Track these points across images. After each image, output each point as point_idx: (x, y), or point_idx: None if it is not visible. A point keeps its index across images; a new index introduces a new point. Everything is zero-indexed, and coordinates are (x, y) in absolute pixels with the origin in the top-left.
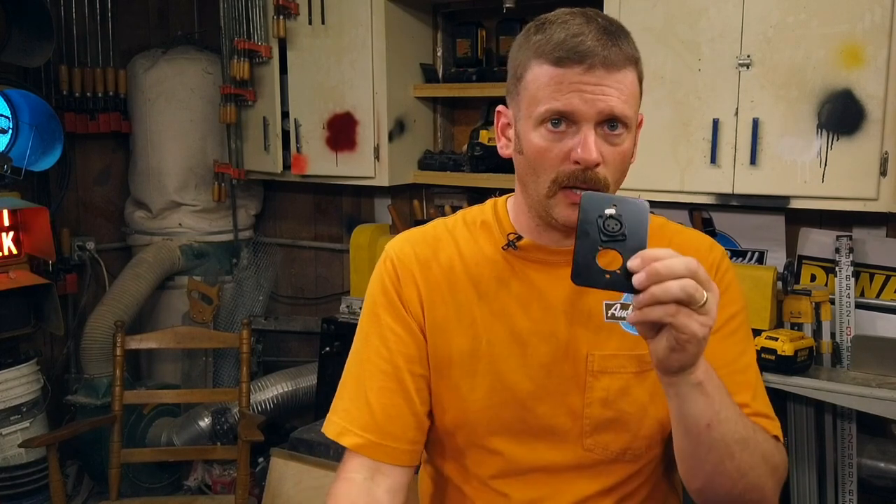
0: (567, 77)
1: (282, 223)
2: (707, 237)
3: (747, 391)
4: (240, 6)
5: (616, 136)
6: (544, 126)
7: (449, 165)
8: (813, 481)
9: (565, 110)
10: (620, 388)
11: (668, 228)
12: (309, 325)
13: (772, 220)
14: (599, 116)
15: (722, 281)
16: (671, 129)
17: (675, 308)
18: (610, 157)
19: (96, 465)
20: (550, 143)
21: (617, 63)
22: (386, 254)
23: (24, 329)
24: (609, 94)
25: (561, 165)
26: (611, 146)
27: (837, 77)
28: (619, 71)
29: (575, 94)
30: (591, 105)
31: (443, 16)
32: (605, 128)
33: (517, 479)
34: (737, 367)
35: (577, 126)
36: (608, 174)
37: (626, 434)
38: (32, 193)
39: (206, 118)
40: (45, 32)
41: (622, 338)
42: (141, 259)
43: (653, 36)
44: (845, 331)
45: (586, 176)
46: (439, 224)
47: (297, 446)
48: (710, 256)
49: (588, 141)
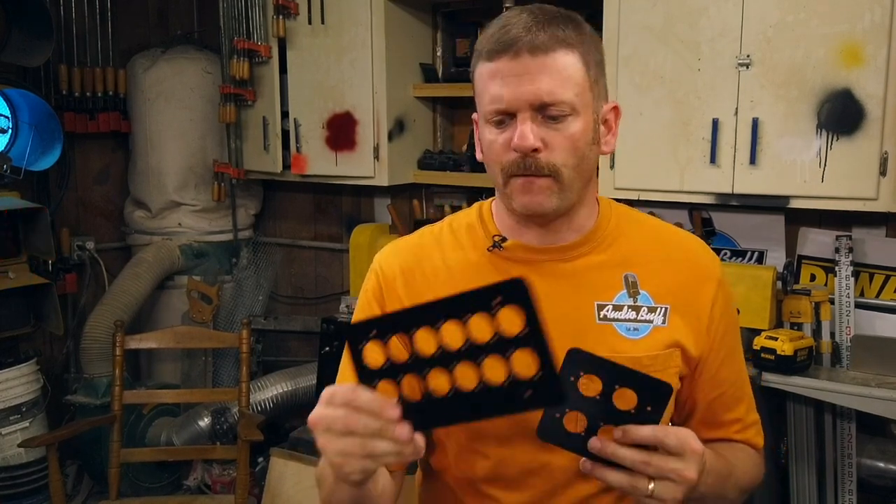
0: (497, 69)
1: (281, 223)
2: (702, 244)
3: (743, 404)
4: (239, 6)
5: (556, 122)
6: (490, 123)
7: (449, 165)
8: (812, 481)
9: (498, 104)
10: None
11: (663, 232)
12: (308, 324)
13: (771, 219)
14: (531, 104)
15: (728, 300)
16: (671, 128)
17: None
18: (554, 141)
19: (96, 464)
20: (496, 136)
21: (542, 47)
22: (372, 267)
23: (24, 329)
24: (537, 80)
25: (505, 156)
26: (554, 131)
27: (837, 77)
28: (546, 54)
29: (505, 86)
30: (518, 93)
31: (442, 15)
32: (545, 115)
33: (509, 484)
34: (737, 384)
35: (514, 118)
36: (554, 159)
37: None
38: (32, 193)
39: (206, 118)
40: (44, 32)
41: (616, 339)
42: (140, 259)
43: (653, 35)
44: (845, 330)
45: (527, 163)
46: (426, 232)
47: (296, 446)
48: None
49: (521, 128)
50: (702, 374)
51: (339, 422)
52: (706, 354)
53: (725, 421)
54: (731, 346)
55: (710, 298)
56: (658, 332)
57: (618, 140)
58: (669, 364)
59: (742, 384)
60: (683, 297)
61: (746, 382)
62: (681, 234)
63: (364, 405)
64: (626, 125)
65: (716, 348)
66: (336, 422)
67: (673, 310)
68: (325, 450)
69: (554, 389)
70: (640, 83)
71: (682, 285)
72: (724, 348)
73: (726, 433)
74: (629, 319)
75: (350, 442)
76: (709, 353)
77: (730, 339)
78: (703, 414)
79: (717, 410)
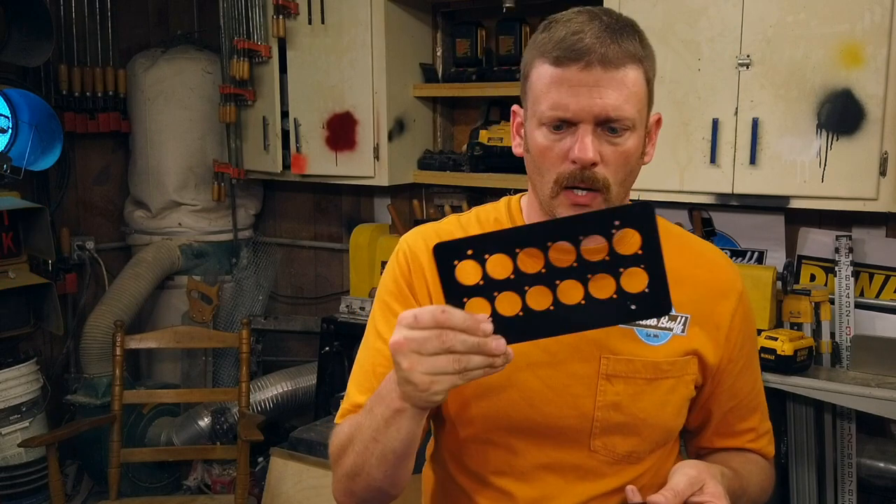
0: (565, 77)
1: (281, 223)
2: (725, 258)
3: (757, 414)
4: (239, 6)
5: (616, 136)
6: (546, 127)
7: (448, 165)
8: (812, 481)
9: (562, 112)
10: (633, 393)
11: (688, 243)
12: (308, 324)
13: (771, 219)
14: (596, 118)
15: (748, 313)
16: (671, 128)
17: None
18: (611, 157)
19: (96, 464)
20: (552, 143)
21: (615, 61)
22: (399, 247)
23: (24, 329)
24: (606, 94)
25: (561, 166)
26: (611, 146)
27: (837, 77)
28: (617, 69)
29: (571, 96)
30: (587, 105)
31: (442, 15)
32: (606, 129)
33: (519, 478)
34: (752, 394)
35: (575, 126)
36: (608, 174)
37: (634, 438)
38: (32, 193)
39: (206, 117)
40: (44, 32)
41: (637, 344)
42: (140, 259)
43: (653, 36)
44: (845, 331)
45: (584, 175)
46: (453, 220)
47: (296, 446)
48: (734, 286)
49: (584, 141)
50: (719, 384)
51: (432, 341)
52: (724, 365)
53: (739, 430)
54: (748, 356)
55: (731, 310)
56: (677, 340)
57: None
58: (686, 371)
59: (757, 394)
60: (704, 307)
61: (761, 392)
62: (705, 246)
63: (459, 323)
64: None
65: (734, 359)
66: (428, 341)
67: (693, 320)
68: (413, 370)
69: (662, 301)
70: None
71: (704, 296)
72: (742, 359)
73: (740, 442)
74: (650, 326)
75: (444, 359)
76: (727, 364)
77: (747, 351)
78: (718, 424)
79: (732, 421)
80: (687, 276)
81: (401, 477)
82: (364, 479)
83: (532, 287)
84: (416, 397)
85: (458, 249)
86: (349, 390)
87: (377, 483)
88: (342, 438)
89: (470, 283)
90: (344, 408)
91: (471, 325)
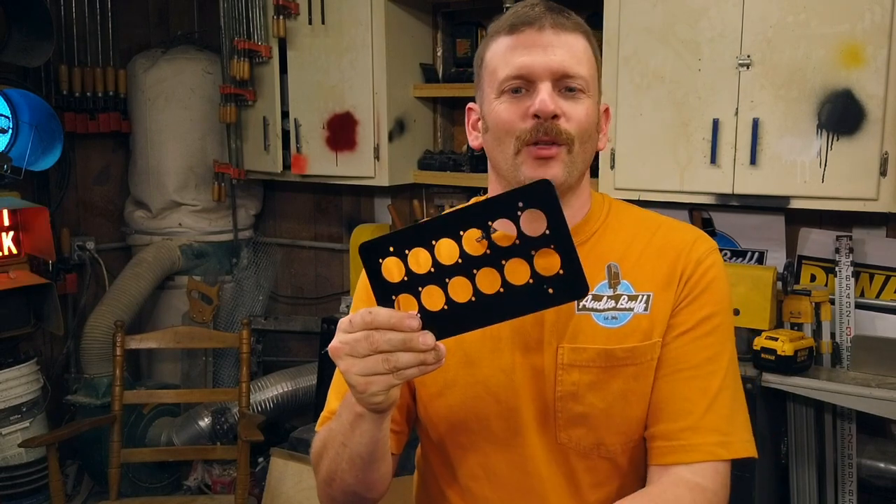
0: (520, 41)
1: (281, 223)
2: (694, 231)
3: (702, 400)
4: (240, 6)
5: (573, 95)
6: (506, 94)
7: (449, 165)
8: (813, 481)
9: (522, 70)
10: (590, 382)
11: (651, 223)
12: (309, 324)
13: (772, 220)
14: (553, 74)
15: (702, 279)
16: (671, 128)
17: None
18: (571, 112)
19: (96, 464)
20: (511, 106)
21: (566, 27)
22: None
23: (24, 329)
24: (560, 53)
25: (521, 124)
26: (570, 102)
27: (837, 77)
28: (569, 34)
29: (528, 55)
30: (543, 61)
31: (443, 15)
32: (563, 88)
33: (494, 476)
34: (699, 373)
35: (534, 85)
36: (571, 128)
37: (599, 429)
38: (32, 193)
39: (206, 118)
40: (45, 32)
41: (593, 331)
42: (141, 259)
43: (653, 36)
44: (845, 331)
45: (547, 128)
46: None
47: (296, 446)
48: (689, 255)
49: (543, 94)
50: (664, 345)
51: (362, 343)
52: (670, 320)
53: (672, 418)
54: (704, 329)
55: (687, 270)
56: (639, 319)
57: (618, 140)
58: (649, 356)
59: (710, 378)
60: (665, 279)
61: (718, 384)
62: (672, 224)
63: (384, 322)
64: (626, 125)
65: (681, 321)
66: (358, 343)
67: (656, 296)
68: (349, 373)
69: (578, 282)
70: (640, 83)
71: (666, 270)
72: (692, 324)
73: (668, 446)
74: (608, 309)
75: (374, 359)
76: (671, 319)
77: (703, 321)
78: (654, 410)
79: (667, 398)
80: (645, 252)
81: (373, 480)
82: (339, 484)
83: (452, 279)
84: (360, 400)
85: (381, 247)
86: (328, 397)
87: (351, 487)
88: (318, 445)
89: (395, 281)
90: (323, 415)
91: (395, 323)
